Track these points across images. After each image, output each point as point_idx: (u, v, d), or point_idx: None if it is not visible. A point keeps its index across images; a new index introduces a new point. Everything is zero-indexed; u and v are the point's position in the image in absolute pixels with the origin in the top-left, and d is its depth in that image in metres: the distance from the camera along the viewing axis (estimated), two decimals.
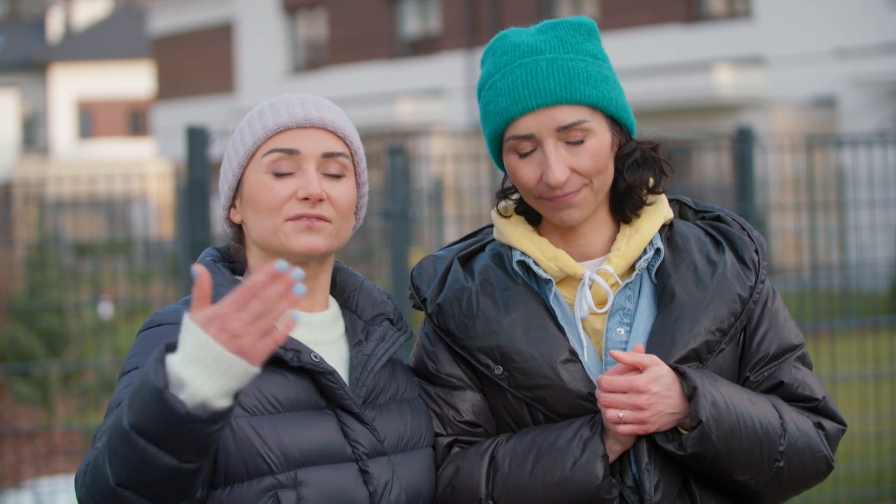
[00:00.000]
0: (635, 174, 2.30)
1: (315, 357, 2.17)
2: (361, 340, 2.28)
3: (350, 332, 2.31)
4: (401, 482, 2.20)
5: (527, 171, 2.25)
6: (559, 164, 2.21)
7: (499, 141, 2.29)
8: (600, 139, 2.25)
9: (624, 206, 2.32)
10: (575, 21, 2.29)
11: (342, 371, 2.25)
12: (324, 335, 2.27)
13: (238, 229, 2.29)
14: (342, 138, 2.25)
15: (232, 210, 2.28)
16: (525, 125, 2.23)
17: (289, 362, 2.15)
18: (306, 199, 2.18)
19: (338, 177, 2.23)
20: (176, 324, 2.11)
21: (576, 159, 2.23)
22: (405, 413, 2.27)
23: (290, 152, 2.21)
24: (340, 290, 2.36)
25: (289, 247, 2.19)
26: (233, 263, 2.32)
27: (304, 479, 2.11)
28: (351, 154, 2.26)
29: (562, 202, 2.24)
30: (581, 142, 2.23)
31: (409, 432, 2.26)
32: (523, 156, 2.26)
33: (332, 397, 2.18)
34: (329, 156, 2.22)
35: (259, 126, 2.23)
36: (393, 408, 2.27)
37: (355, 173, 2.28)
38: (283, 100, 2.26)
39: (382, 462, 2.19)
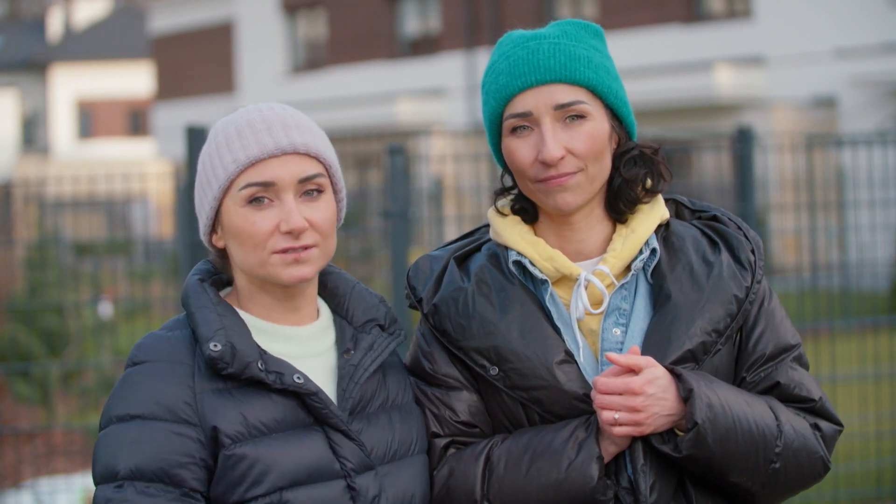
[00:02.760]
0: (631, 170, 2.31)
1: (298, 378, 2.15)
2: (349, 349, 2.27)
3: (340, 340, 2.29)
4: (388, 495, 2.19)
5: (523, 151, 2.26)
6: (555, 141, 2.23)
7: (498, 123, 2.31)
8: (598, 125, 2.26)
9: (618, 201, 2.32)
10: (583, 21, 2.33)
11: (330, 382, 2.24)
12: (311, 347, 2.25)
13: (222, 251, 2.27)
14: (315, 157, 2.21)
15: (213, 236, 2.25)
16: (523, 102, 2.25)
17: (271, 385, 2.14)
18: (289, 232, 2.16)
19: (317, 194, 2.20)
20: (158, 361, 2.14)
21: (572, 140, 2.24)
22: (394, 421, 2.26)
23: (266, 185, 2.17)
24: (331, 294, 2.34)
25: (277, 279, 2.19)
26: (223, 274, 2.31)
27: (290, 499, 2.11)
28: (326, 169, 2.23)
29: (556, 184, 2.25)
30: (578, 123, 2.25)
31: (397, 442, 2.25)
32: (519, 131, 2.26)
33: (318, 416, 2.17)
34: (306, 180, 2.19)
35: (230, 160, 2.19)
36: (382, 417, 2.25)
37: (331, 183, 2.25)
38: (248, 125, 2.20)
39: (370, 476, 2.18)
